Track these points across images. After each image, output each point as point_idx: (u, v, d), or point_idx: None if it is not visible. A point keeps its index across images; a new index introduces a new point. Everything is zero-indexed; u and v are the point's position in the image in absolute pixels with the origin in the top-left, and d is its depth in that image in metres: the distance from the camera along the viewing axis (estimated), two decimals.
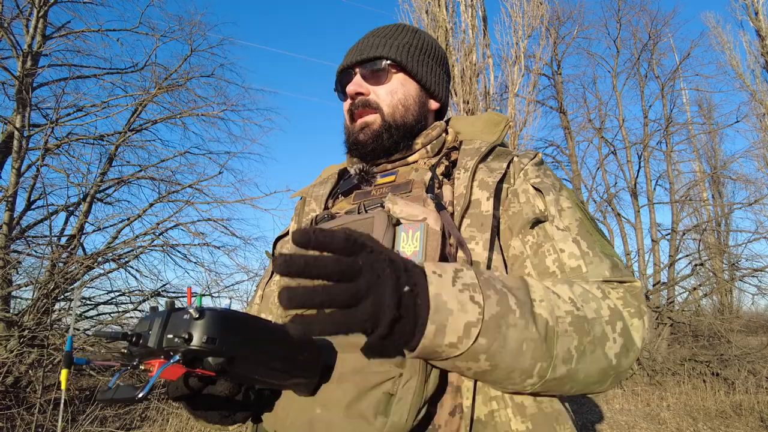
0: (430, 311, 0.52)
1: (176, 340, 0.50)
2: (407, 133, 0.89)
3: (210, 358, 0.52)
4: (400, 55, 0.89)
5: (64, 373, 0.53)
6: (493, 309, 0.56)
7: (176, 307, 0.54)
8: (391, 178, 0.89)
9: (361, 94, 0.89)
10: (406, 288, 0.50)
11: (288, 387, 0.67)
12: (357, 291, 0.47)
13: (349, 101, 0.92)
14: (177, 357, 0.50)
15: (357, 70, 0.91)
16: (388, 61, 0.89)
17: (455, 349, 0.55)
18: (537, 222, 0.74)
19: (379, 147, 0.88)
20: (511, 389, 0.65)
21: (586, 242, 0.73)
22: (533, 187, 0.79)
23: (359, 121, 0.90)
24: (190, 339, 0.50)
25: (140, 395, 0.50)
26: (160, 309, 0.55)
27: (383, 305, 0.48)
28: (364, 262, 0.48)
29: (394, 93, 0.89)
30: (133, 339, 0.52)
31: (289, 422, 0.70)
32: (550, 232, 0.74)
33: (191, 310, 0.50)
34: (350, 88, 0.90)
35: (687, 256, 8.60)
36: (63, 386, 0.53)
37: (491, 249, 0.74)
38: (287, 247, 0.95)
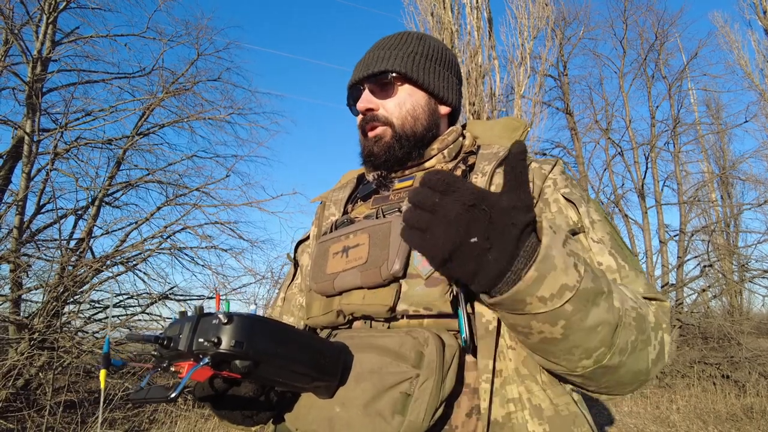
0: (538, 258, 0.53)
1: (206, 343, 0.52)
2: (418, 142, 0.90)
3: (237, 361, 0.54)
4: (404, 67, 0.90)
5: (102, 373, 0.56)
6: (589, 284, 0.57)
7: (205, 312, 0.56)
8: (409, 182, 0.90)
9: (371, 109, 0.91)
10: (474, 239, 0.51)
11: (310, 390, 0.69)
12: (424, 221, 0.52)
13: (360, 116, 0.94)
14: (206, 359, 0.52)
15: (365, 85, 0.92)
16: (394, 74, 0.90)
17: (542, 306, 0.55)
18: (573, 233, 0.75)
19: (391, 158, 0.89)
20: (561, 368, 0.65)
21: (620, 256, 0.74)
22: (564, 197, 0.79)
23: (371, 134, 0.91)
24: (219, 343, 0.52)
25: (172, 395, 0.52)
26: (189, 314, 0.56)
27: (437, 244, 0.51)
28: (439, 200, 0.52)
29: (402, 105, 0.90)
30: (165, 342, 0.55)
31: (310, 420, 0.71)
32: (586, 244, 0.75)
33: (220, 315, 0.53)
34: (360, 105, 0.91)
35: (696, 257, 8.54)
36: (102, 386, 0.56)
37: None
38: (308, 252, 0.96)
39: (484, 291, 0.56)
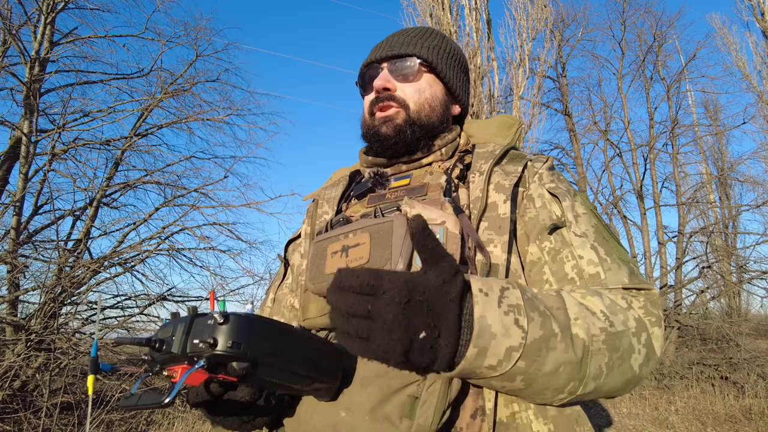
0: (474, 333, 0.53)
1: (201, 345, 0.50)
2: (429, 132, 0.89)
3: (234, 363, 0.52)
4: (431, 56, 0.90)
5: (90, 378, 0.53)
6: (536, 333, 0.56)
7: (199, 312, 0.53)
8: (406, 181, 0.88)
9: (388, 89, 0.89)
10: (423, 334, 0.51)
11: (309, 392, 0.67)
12: (364, 330, 0.51)
13: (373, 94, 0.91)
14: (202, 362, 0.50)
15: (385, 65, 0.91)
16: (420, 60, 0.89)
17: (493, 371, 0.56)
18: (555, 228, 0.75)
19: (401, 141, 0.88)
20: (539, 402, 0.65)
21: (603, 249, 0.73)
22: (549, 192, 0.79)
23: (380, 115, 0.89)
24: (215, 344, 0.50)
25: (166, 401, 0.49)
26: (182, 315, 0.54)
27: (387, 350, 0.50)
28: (372, 306, 0.50)
29: (422, 92, 0.90)
30: (156, 345, 0.52)
31: (312, 426, 0.70)
32: (568, 238, 0.74)
33: (216, 315, 0.50)
34: (378, 83, 0.89)
35: (694, 258, 8.55)
36: (90, 392, 0.53)
37: (510, 251, 0.74)
38: (300, 250, 0.94)
39: (443, 371, 0.56)
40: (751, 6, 10.28)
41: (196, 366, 0.50)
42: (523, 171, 0.82)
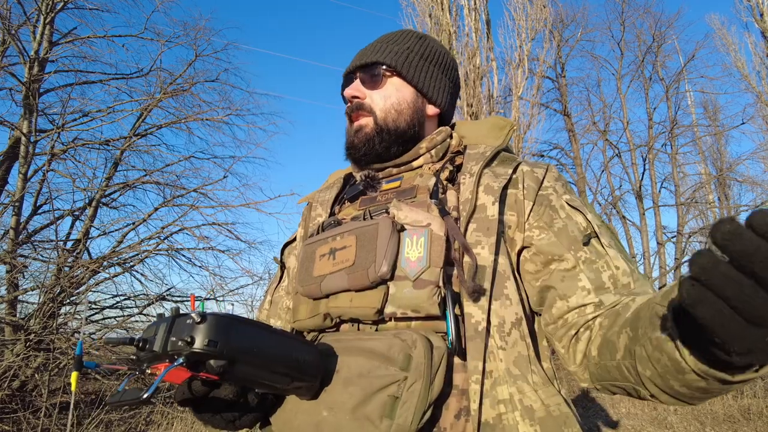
0: None
1: (179, 343, 0.52)
2: (399, 137, 0.90)
3: (212, 361, 0.54)
4: (395, 61, 0.91)
5: (74, 375, 0.55)
6: None
7: (180, 312, 0.56)
8: (396, 183, 0.89)
9: (357, 97, 0.91)
10: None
11: (290, 391, 0.68)
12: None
13: (348, 104, 0.94)
14: (180, 360, 0.52)
15: (358, 74, 0.93)
16: (384, 66, 0.91)
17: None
18: (589, 239, 0.77)
19: (371, 151, 0.89)
20: (683, 403, 0.59)
21: (628, 261, 0.77)
22: (568, 204, 0.81)
23: (355, 124, 0.92)
24: (193, 342, 0.52)
25: (145, 396, 0.52)
26: (167, 315, 0.56)
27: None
28: None
29: (387, 97, 0.91)
30: (140, 344, 0.54)
31: (296, 425, 0.71)
32: (600, 249, 0.77)
33: (194, 315, 0.52)
34: (347, 92, 0.92)
35: None
36: (73, 388, 0.55)
37: (497, 252, 0.75)
38: (295, 253, 0.95)
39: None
40: (750, 6, 10.29)
41: (175, 363, 0.52)
42: (513, 173, 0.83)
